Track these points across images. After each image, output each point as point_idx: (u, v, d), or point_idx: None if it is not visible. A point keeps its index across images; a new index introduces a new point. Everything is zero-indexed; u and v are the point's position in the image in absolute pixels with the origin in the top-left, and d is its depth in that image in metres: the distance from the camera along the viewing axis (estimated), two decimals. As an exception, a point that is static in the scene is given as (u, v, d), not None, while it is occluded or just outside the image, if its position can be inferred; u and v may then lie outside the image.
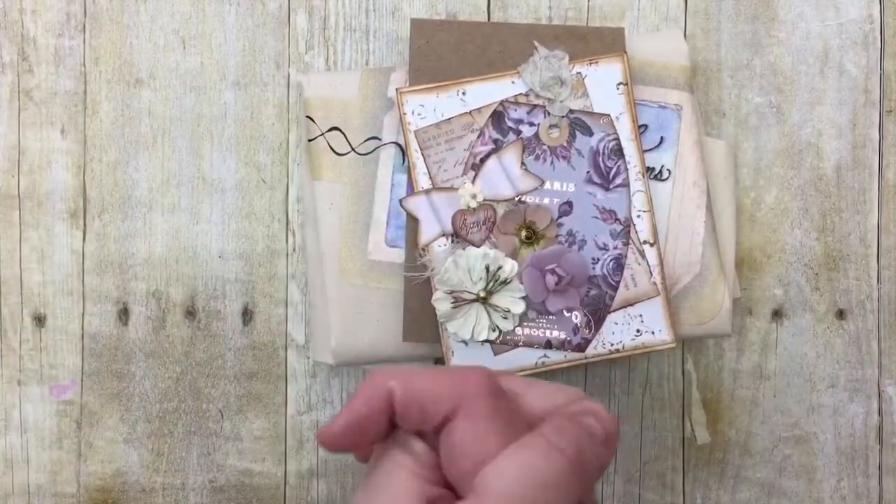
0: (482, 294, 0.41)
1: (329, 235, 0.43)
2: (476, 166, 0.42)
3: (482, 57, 0.43)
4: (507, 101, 0.42)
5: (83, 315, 0.47)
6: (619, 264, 0.42)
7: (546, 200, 0.42)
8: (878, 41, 0.47)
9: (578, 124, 0.42)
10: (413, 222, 0.42)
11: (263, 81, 0.47)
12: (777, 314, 0.47)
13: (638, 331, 0.42)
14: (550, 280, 0.41)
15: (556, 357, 0.42)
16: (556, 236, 0.42)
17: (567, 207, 0.42)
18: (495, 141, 0.42)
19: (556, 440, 0.24)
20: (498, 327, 0.41)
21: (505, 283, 0.41)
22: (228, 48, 0.47)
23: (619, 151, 0.42)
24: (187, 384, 0.47)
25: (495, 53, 0.43)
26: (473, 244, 0.41)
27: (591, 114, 0.42)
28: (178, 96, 0.47)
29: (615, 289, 0.42)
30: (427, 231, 0.42)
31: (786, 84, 0.47)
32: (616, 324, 0.42)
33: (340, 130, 0.44)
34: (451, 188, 0.42)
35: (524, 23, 0.45)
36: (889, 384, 0.48)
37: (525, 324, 0.42)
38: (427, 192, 0.42)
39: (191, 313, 0.47)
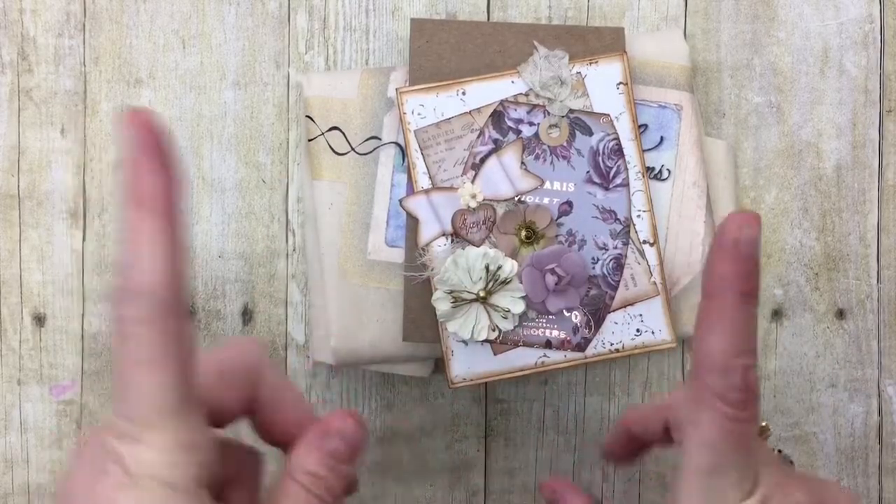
0: (482, 294, 0.41)
1: (329, 235, 0.43)
2: (476, 166, 0.42)
3: (482, 57, 0.43)
4: (506, 100, 0.42)
5: (83, 315, 0.47)
6: (618, 264, 0.42)
7: (546, 200, 0.42)
8: (878, 41, 0.47)
9: (578, 124, 0.42)
10: (413, 222, 0.42)
11: (263, 81, 0.47)
12: (777, 314, 0.47)
13: (638, 330, 0.42)
14: (550, 280, 0.41)
15: (555, 357, 0.42)
16: (556, 236, 0.42)
17: (567, 207, 0.42)
18: (495, 141, 0.42)
19: None
20: (498, 327, 0.41)
21: (505, 282, 0.41)
22: (228, 48, 0.47)
23: (618, 151, 0.42)
24: (187, 384, 0.47)
25: (495, 53, 0.43)
26: (473, 244, 0.41)
27: (591, 113, 0.42)
28: (177, 96, 0.47)
29: (615, 288, 0.42)
30: (427, 231, 0.42)
31: (786, 84, 0.47)
32: (616, 323, 0.42)
33: (340, 130, 0.44)
34: (451, 188, 0.42)
35: (524, 22, 0.45)
36: (889, 384, 0.48)
37: (525, 323, 0.42)
38: (427, 191, 0.42)
39: (190, 313, 0.47)
